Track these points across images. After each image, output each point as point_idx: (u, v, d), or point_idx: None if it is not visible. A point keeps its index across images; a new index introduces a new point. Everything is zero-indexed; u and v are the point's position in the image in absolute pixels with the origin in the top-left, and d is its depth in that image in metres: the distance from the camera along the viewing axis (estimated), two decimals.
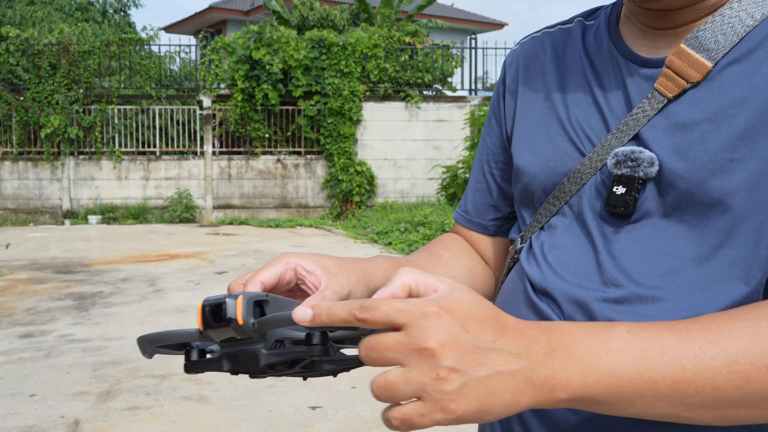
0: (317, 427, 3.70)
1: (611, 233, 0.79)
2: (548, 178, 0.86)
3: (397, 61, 13.99)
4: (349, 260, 0.80)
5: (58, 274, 8.11)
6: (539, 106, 0.90)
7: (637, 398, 0.61)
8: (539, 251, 0.85)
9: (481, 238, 1.01)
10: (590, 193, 0.81)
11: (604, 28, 0.88)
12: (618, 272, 0.76)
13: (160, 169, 13.84)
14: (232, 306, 0.61)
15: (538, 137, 0.88)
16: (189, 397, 4.15)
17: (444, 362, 0.54)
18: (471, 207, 1.02)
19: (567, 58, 0.90)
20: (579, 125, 0.84)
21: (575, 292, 0.78)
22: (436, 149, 14.09)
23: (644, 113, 0.78)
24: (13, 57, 13.41)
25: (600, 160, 0.81)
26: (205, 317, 0.62)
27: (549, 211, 0.86)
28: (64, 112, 13.33)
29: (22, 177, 13.53)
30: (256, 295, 0.63)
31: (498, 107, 0.98)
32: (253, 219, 13.75)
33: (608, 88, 0.83)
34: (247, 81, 13.30)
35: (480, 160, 1.01)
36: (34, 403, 4.04)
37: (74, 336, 5.48)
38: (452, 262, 0.97)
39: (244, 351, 0.64)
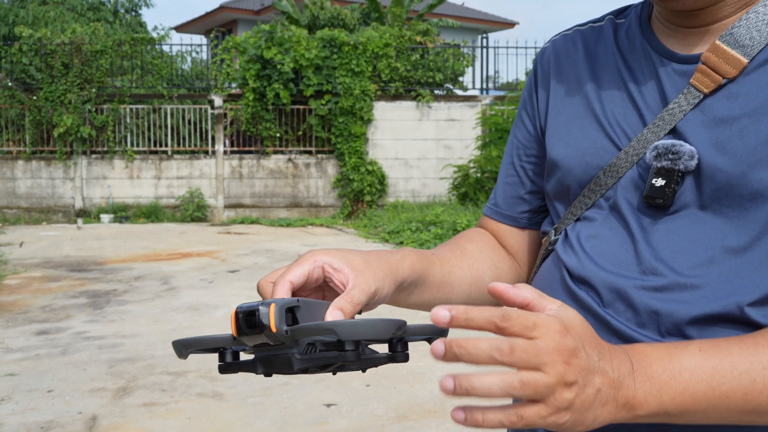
0: (332, 424, 3.72)
1: (649, 224, 0.81)
2: (584, 172, 0.87)
3: (408, 61, 13.99)
4: (375, 255, 0.80)
5: (72, 273, 8.16)
6: (573, 101, 0.92)
7: (711, 410, 0.68)
8: (576, 241, 0.87)
9: (511, 231, 1.02)
10: (627, 186, 0.83)
11: (636, 25, 0.90)
12: (657, 261, 0.79)
13: (172, 168, 13.90)
14: (266, 314, 0.62)
15: (573, 132, 0.90)
16: (204, 394, 4.17)
17: (571, 375, 0.59)
18: (501, 200, 1.03)
19: (599, 55, 0.92)
20: (615, 120, 0.86)
21: (614, 280, 0.80)
22: (447, 149, 14.09)
23: (680, 108, 0.80)
24: (26, 57, 13.51)
25: (636, 154, 0.83)
26: (239, 324, 0.63)
27: (584, 203, 0.88)
28: (77, 111, 13.41)
29: (36, 176, 13.62)
30: (287, 302, 0.64)
31: (530, 102, 1.00)
32: (264, 218, 13.79)
33: (643, 83, 0.85)
34: (258, 80, 13.34)
35: (510, 154, 1.03)
36: (51, 399, 4.08)
37: (89, 333, 5.52)
38: (477, 256, 0.98)
39: (277, 355, 0.66)
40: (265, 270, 8.25)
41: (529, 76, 1.02)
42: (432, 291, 0.89)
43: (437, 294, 0.90)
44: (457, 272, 0.93)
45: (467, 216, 10.61)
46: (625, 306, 0.79)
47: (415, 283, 0.86)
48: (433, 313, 0.55)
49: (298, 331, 0.63)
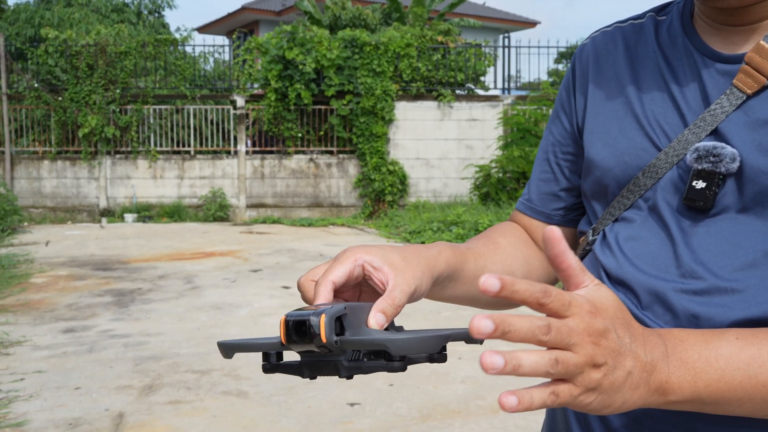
0: (356, 423, 3.73)
1: (689, 226, 0.80)
2: (623, 172, 0.87)
3: (429, 60, 13.98)
4: (413, 252, 0.80)
5: (97, 271, 8.25)
6: (612, 100, 0.90)
7: (746, 400, 0.67)
8: (614, 242, 0.86)
9: (543, 227, 1.01)
10: (667, 187, 0.82)
11: (678, 23, 0.89)
12: (697, 264, 0.78)
13: (195, 168, 14.00)
14: (316, 324, 0.63)
15: (612, 131, 0.89)
16: (229, 392, 4.20)
17: (599, 356, 0.59)
18: (535, 196, 1.03)
19: (640, 53, 0.90)
20: (655, 120, 0.85)
21: (653, 282, 0.80)
22: (469, 149, 14.06)
23: (722, 109, 0.79)
24: (51, 58, 13.68)
25: (676, 155, 0.82)
26: (288, 332, 0.64)
27: (623, 204, 0.87)
28: (101, 112, 13.56)
29: (61, 176, 13.79)
30: (336, 311, 0.65)
31: (567, 100, 0.99)
32: (285, 218, 13.85)
33: (684, 83, 0.84)
34: (280, 81, 13.40)
35: (545, 150, 1.02)
36: (79, 396, 4.13)
37: (115, 331, 5.58)
38: (509, 251, 0.98)
39: (324, 362, 0.67)
40: (288, 270, 8.29)
41: (567, 73, 1.01)
42: (466, 285, 0.89)
43: (470, 288, 0.90)
44: (490, 266, 0.93)
45: (489, 216, 10.58)
46: (664, 309, 0.78)
47: (450, 277, 0.86)
48: (483, 281, 0.55)
49: (348, 343, 0.65)
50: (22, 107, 13.80)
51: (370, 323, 0.69)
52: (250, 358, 4.85)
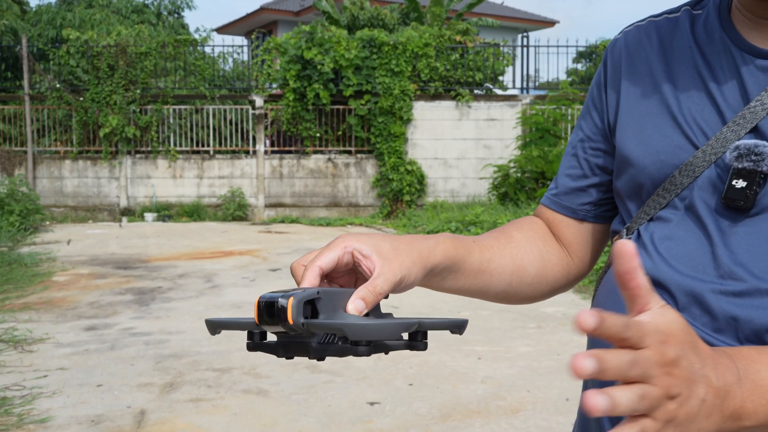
0: (376, 422, 3.73)
1: (727, 227, 0.78)
2: (658, 170, 0.85)
3: (447, 60, 13.96)
4: (406, 241, 0.79)
5: (118, 270, 8.33)
6: (646, 97, 0.88)
7: None
8: (649, 242, 0.84)
9: (567, 222, 1.00)
10: (704, 186, 0.80)
11: (715, 17, 0.87)
12: (736, 265, 0.76)
13: (214, 168, 14.08)
14: (284, 306, 0.66)
15: (647, 129, 0.87)
16: (249, 390, 4.22)
17: (675, 387, 0.56)
18: (562, 191, 1.01)
19: (675, 48, 0.88)
20: (692, 117, 0.83)
21: (690, 283, 0.78)
22: (487, 148, 14.02)
23: (763, 106, 0.77)
24: (73, 59, 13.81)
25: (714, 153, 0.80)
26: (260, 313, 0.68)
27: (658, 203, 0.85)
28: (122, 112, 13.67)
29: (82, 175, 13.93)
30: (307, 294, 0.68)
31: (598, 95, 0.97)
32: (303, 218, 13.89)
33: (722, 79, 0.82)
34: (298, 81, 13.45)
35: (573, 146, 1.00)
36: (101, 393, 4.17)
37: (136, 329, 5.63)
38: (523, 245, 0.96)
39: (296, 342, 0.71)
40: None
41: (599, 69, 0.98)
42: (468, 278, 0.88)
43: (474, 281, 0.89)
44: (497, 260, 0.91)
45: (507, 216, 10.54)
46: (702, 311, 0.76)
47: (450, 269, 0.85)
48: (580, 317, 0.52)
49: (312, 326, 0.67)
50: (44, 107, 13.96)
51: (348, 309, 0.70)
52: (270, 358, 4.87)
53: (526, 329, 5.60)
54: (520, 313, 6.11)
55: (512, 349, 5.07)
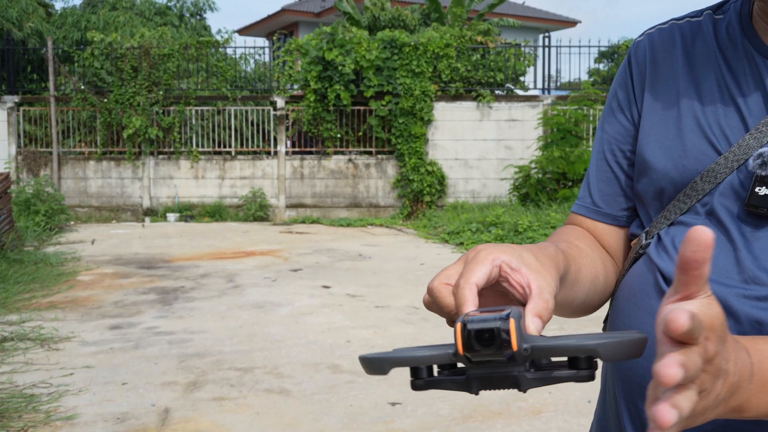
0: (397, 422, 3.75)
1: (750, 233, 0.79)
2: (680, 175, 0.85)
3: (468, 61, 13.94)
4: (540, 252, 0.75)
5: (141, 269, 8.42)
6: (670, 100, 0.88)
7: None
8: (671, 246, 0.84)
9: (609, 230, 0.98)
10: (726, 193, 0.81)
11: (737, 23, 0.87)
12: (760, 271, 0.77)
13: (235, 168, 14.18)
14: (507, 331, 0.57)
15: (670, 133, 0.87)
16: (271, 390, 4.26)
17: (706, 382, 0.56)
18: (598, 198, 0.98)
19: (698, 53, 0.88)
20: (716, 123, 0.83)
21: (714, 288, 0.77)
22: (508, 149, 13.98)
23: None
24: (97, 61, 13.98)
25: (737, 160, 0.80)
26: (470, 341, 0.58)
27: (679, 208, 0.85)
28: (145, 113, 13.81)
29: (106, 176, 14.09)
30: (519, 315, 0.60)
31: (625, 97, 0.96)
32: (324, 218, 13.94)
33: (745, 86, 0.82)
34: (319, 82, 13.50)
35: (601, 150, 0.99)
36: (126, 392, 4.22)
37: (160, 328, 5.69)
38: (590, 254, 0.93)
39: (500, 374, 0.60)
40: (328, 269, 8.36)
41: (621, 70, 0.98)
42: (566, 290, 0.84)
43: (569, 293, 0.86)
44: (583, 270, 0.89)
45: (528, 217, 10.51)
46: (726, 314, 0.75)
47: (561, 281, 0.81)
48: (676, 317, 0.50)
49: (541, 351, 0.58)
50: (69, 109, 14.14)
51: (529, 329, 0.63)
52: (292, 357, 4.91)
53: (548, 330, 5.58)
54: None
55: None
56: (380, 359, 0.63)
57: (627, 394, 0.86)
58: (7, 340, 5.21)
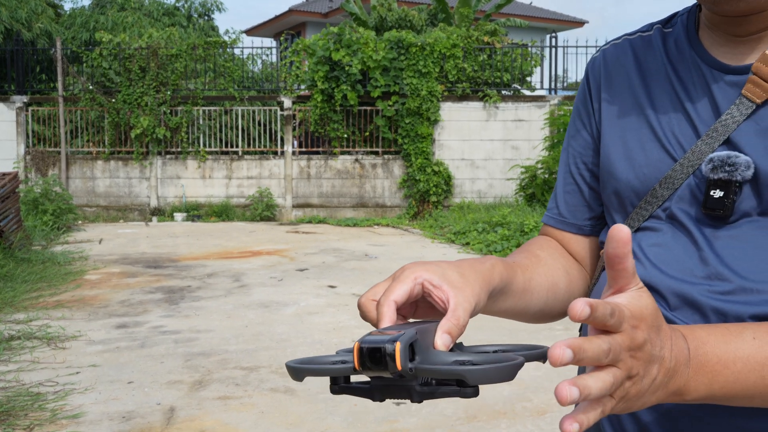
0: (402, 422, 3.75)
1: (710, 233, 0.83)
2: (641, 184, 0.89)
3: (475, 61, 13.93)
4: (469, 268, 0.78)
5: (148, 269, 8.45)
6: (627, 112, 0.93)
7: (756, 397, 0.70)
8: (638, 250, 0.88)
9: (575, 239, 1.04)
10: (685, 197, 0.85)
11: (683, 36, 0.91)
12: (723, 267, 0.81)
13: (242, 168, 14.21)
14: (392, 352, 0.63)
15: (629, 143, 0.91)
16: (276, 389, 4.27)
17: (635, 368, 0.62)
18: (564, 209, 1.04)
19: (650, 65, 0.93)
20: (670, 131, 0.88)
21: (680, 286, 0.82)
22: (515, 149, 13.97)
23: (733, 119, 0.82)
24: (105, 61, 14.05)
25: (691, 166, 0.84)
26: (363, 359, 0.64)
27: (641, 215, 0.90)
28: (153, 113, 13.86)
29: (113, 175, 14.15)
30: (410, 337, 0.65)
31: (585, 111, 1.01)
32: (331, 218, 13.95)
33: (694, 95, 0.87)
34: (326, 82, 13.52)
35: (566, 163, 1.04)
36: (131, 390, 4.24)
37: (166, 327, 5.71)
38: (550, 263, 0.98)
39: (396, 386, 0.67)
40: (334, 269, 8.37)
41: (581, 85, 1.03)
42: (514, 299, 0.89)
43: (518, 302, 0.90)
44: (536, 279, 0.93)
45: (535, 217, 10.49)
46: (693, 310, 0.81)
47: (502, 291, 0.85)
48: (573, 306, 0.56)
49: (423, 371, 0.65)
50: (77, 109, 14.21)
51: (437, 344, 0.68)
52: (297, 356, 4.91)
53: (553, 331, 5.57)
54: None
55: None
56: (297, 368, 0.70)
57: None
58: (14, 339, 5.24)
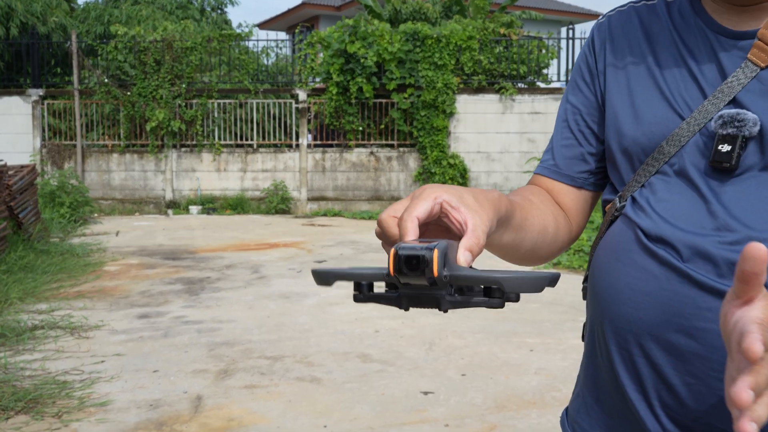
0: (430, 411, 3.72)
1: (717, 186, 0.88)
2: (649, 141, 0.94)
3: (491, 53, 13.84)
4: (482, 195, 0.81)
5: (166, 260, 8.45)
6: (634, 73, 0.98)
7: None
8: (647, 205, 0.93)
9: (566, 190, 1.08)
10: (692, 153, 0.91)
11: (687, 4, 0.97)
12: (730, 218, 0.86)
13: (257, 161, 14.20)
14: (430, 259, 0.65)
15: (637, 103, 0.96)
16: (302, 378, 4.24)
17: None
18: (560, 160, 1.08)
19: (655, 31, 0.98)
20: (677, 92, 0.93)
21: (691, 239, 0.87)
22: (531, 142, 13.88)
23: (739, 81, 0.88)
24: (121, 54, 14.05)
25: (698, 124, 0.90)
26: (399, 265, 0.65)
27: (648, 171, 0.94)
28: (168, 106, 13.86)
29: (129, 168, 14.17)
30: (445, 247, 0.67)
31: (587, 70, 1.05)
32: (346, 211, 13.93)
33: (701, 59, 0.92)
34: (341, 74, 13.47)
35: (564, 119, 1.08)
36: (157, 379, 4.23)
37: (188, 318, 5.70)
38: (542, 208, 1.01)
39: (426, 295, 0.68)
40: (352, 261, 8.34)
41: (585, 46, 1.07)
42: (511, 234, 0.91)
43: (514, 238, 0.92)
44: (530, 219, 0.96)
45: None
46: (705, 260, 0.85)
47: (504, 223, 0.87)
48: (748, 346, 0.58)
49: (457, 279, 0.67)
50: (92, 102, 14.23)
51: (459, 260, 0.70)
52: (321, 346, 4.90)
53: (577, 321, 5.53)
54: (570, 306, 6.03)
55: (564, 341, 5.01)
56: (327, 272, 0.71)
57: (618, 341, 0.93)
58: (38, 328, 5.24)
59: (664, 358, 0.88)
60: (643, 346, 0.90)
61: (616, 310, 0.93)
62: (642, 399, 0.91)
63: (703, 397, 0.85)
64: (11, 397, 3.77)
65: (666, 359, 0.88)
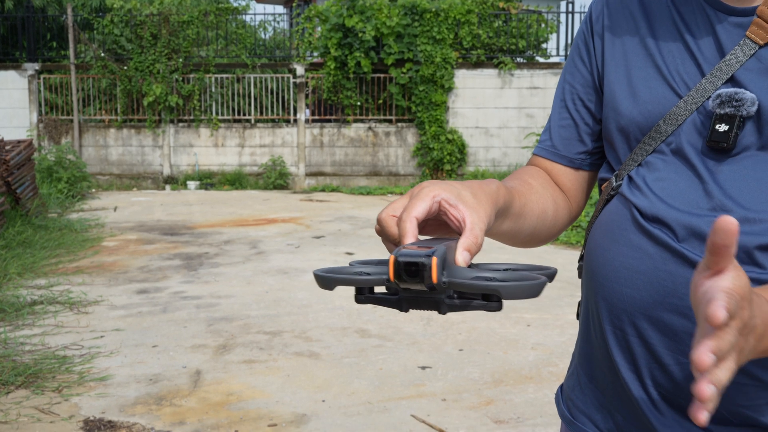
0: (428, 386, 3.75)
1: (713, 166, 0.88)
2: (645, 120, 0.93)
3: (490, 27, 13.74)
4: (479, 189, 0.81)
5: (164, 236, 8.46)
6: (632, 51, 0.97)
7: None
8: (643, 184, 0.92)
9: (564, 171, 1.07)
10: (689, 132, 0.89)
11: None
12: (726, 199, 0.86)
13: (255, 136, 14.15)
14: (428, 266, 0.65)
15: (634, 81, 0.95)
16: (301, 353, 4.27)
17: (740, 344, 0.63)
18: (558, 141, 1.07)
19: (653, 8, 0.96)
20: (675, 70, 0.92)
21: (687, 218, 0.87)
22: (530, 117, 13.83)
23: (737, 59, 0.87)
24: (117, 28, 13.93)
25: (695, 102, 0.89)
26: (399, 271, 0.66)
27: (645, 150, 0.94)
28: (165, 81, 13.78)
29: (126, 144, 14.12)
30: (443, 253, 0.68)
31: (585, 49, 1.04)
32: (344, 186, 13.91)
33: (699, 36, 0.91)
34: (339, 49, 13.37)
35: (562, 99, 1.07)
36: (157, 354, 4.26)
37: (186, 293, 5.72)
38: (540, 191, 1.01)
39: (425, 298, 0.70)
40: (350, 236, 8.35)
41: (582, 24, 1.06)
42: (511, 222, 0.92)
43: (514, 225, 0.93)
44: (529, 205, 0.96)
45: None
46: (700, 240, 0.85)
47: (502, 213, 0.88)
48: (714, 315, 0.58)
49: (456, 285, 0.67)
50: (89, 76, 14.14)
51: (458, 261, 0.71)
52: (319, 321, 4.92)
53: (574, 297, 5.55)
54: (568, 282, 6.06)
55: (561, 317, 5.04)
56: (329, 277, 0.71)
57: (612, 320, 0.93)
58: (37, 304, 5.26)
59: (657, 338, 0.88)
60: (637, 325, 0.90)
61: (610, 289, 0.93)
62: (635, 378, 0.91)
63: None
64: (11, 372, 3.80)
65: (659, 338, 0.88)
